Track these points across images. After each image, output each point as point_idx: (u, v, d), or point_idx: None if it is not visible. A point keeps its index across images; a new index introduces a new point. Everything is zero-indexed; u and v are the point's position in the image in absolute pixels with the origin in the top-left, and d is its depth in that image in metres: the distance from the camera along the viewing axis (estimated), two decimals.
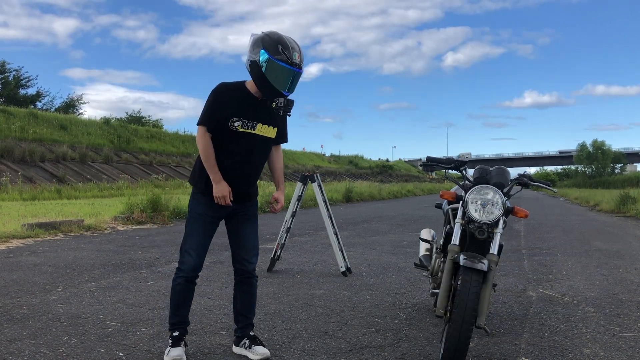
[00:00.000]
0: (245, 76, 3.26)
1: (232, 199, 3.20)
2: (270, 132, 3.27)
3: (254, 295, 3.43)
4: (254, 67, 3.09)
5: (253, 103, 3.19)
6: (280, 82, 3.07)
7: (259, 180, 3.54)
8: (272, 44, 3.03)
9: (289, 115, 3.29)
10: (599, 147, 79.12)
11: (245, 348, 3.30)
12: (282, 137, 3.42)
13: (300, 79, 3.18)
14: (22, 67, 54.76)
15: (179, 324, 3.29)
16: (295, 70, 3.07)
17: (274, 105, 3.16)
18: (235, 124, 3.15)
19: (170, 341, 3.27)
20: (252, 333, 3.37)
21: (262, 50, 3.05)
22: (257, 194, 3.45)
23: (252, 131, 3.19)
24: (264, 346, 3.31)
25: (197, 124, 3.22)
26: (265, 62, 3.04)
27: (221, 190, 3.16)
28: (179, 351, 3.21)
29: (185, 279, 3.24)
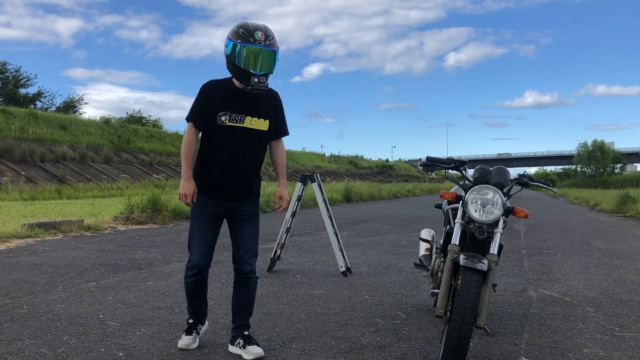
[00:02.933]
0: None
1: (194, 199, 3.25)
2: (261, 124, 3.27)
3: (252, 297, 3.43)
4: (227, 60, 3.18)
5: (240, 96, 3.22)
6: (249, 63, 3.11)
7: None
8: (235, 30, 3.14)
9: (265, 91, 3.18)
10: (598, 146, 79.18)
11: (240, 347, 3.31)
12: (279, 129, 3.41)
13: (301, 79, 3.24)
14: (21, 67, 54.62)
15: (193, 313, 3.49)
16: (259, 47, 3.10)
17: (249, 88, 3.15)
18: (223, 119, 3.18)
19: (186, 327, 3.49)
20: (246, 333, 3.38)
21: (228, 40, 3.15)
22: (259, 193, 3.45)
23: (241, 124, 3.21)
24: (258, 346, 3.32)
25: (186, 119, 3.28)
26: (231, 49, 3.13)
27: (184, 188, 3.22)
28: (187, 340, 3.42)
29: (194, 275, 3.35)
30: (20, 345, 3.44)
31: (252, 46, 3.08)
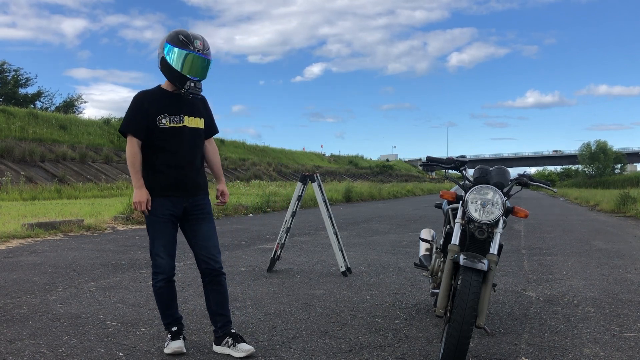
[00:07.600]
0: (240, 78, 3.31)
1: (149, 208, 3.27)
2: (198, 122, 3.39)
3: (226, 293, 3.44)
4: (162, 62, 3.27)
5: (174, 99, 3.32)
6: (187, 68, 3.23)
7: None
8: (174, 36, 3.24)
9: (199, 96, 3.35)
10: (601, 147, 79.23)
11: (229, 346, 3.31)
12: (210, 128, 3.53)
13: (303, 79, 3.27)
14: (21, 68, 54.46)
15: (173, 322, 3.40)
16: (197, 55, 3.23)
17: (183, 91, 3.27)
18: (164, 121, 3.26)
19: (169, 336, 3.37)
20: (233, 330, 3.39)
21: (166, 44, 3.25)
22: (207, 185, 3.50)
23: (181, 124, 3.30)
24: (246, 343, 3.33)
25: (121, 132, 3.31)
26: (168, 53, 3.23)
27: (138, 196, 3.26)
28: (179, 343, 3.34)
29: (164, 280, 3.33)
30: (20, 345, 3.44)
31: (191, 53, 3.22)
